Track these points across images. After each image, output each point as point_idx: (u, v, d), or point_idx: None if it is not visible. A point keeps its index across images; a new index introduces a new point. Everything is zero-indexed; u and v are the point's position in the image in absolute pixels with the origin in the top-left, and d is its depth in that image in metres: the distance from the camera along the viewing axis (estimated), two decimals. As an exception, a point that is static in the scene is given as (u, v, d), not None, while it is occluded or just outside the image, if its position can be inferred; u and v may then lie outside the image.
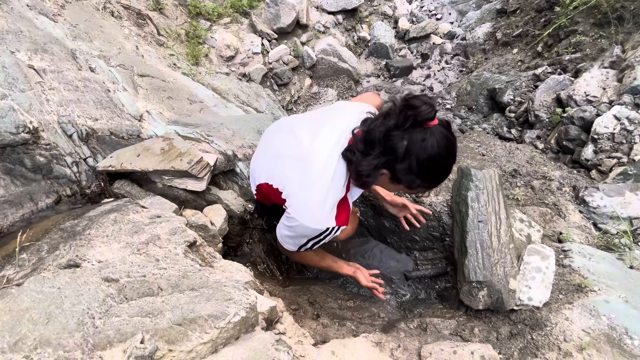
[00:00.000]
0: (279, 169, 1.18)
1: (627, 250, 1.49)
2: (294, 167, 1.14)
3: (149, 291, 0.86)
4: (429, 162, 0.98)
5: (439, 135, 0.97)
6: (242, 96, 3.03)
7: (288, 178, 1.15)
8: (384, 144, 1.01)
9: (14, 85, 1.34)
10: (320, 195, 1.09)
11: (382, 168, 1.04)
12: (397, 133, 0.99)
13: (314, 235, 1.15)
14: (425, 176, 1.02)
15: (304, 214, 1.11)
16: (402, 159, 0.99)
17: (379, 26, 3.86)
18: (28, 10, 1.75)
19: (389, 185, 1.12)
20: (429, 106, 0.95)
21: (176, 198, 1.49)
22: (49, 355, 0.68)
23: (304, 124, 1.23)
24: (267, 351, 0.81)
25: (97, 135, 1.53)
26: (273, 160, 1.22)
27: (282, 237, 1.24)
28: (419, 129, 0.98)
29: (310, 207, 1.10)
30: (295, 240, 1.20)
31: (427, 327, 1.37)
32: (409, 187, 1.08)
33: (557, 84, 2.46)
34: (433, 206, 1.67)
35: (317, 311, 1.49)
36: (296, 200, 1.13)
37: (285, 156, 1.18)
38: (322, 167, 1.09)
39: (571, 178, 1.85)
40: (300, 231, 1.15)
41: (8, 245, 1.04)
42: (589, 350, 1.10)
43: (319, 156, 1.10)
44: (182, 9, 3.33)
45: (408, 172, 1.01)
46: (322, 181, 1.08)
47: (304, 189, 1.11)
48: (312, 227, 1.11)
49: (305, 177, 1.10)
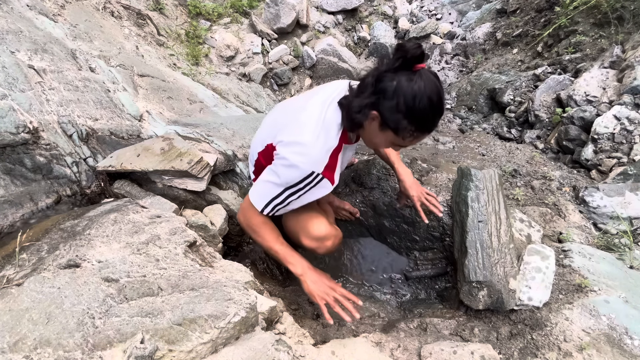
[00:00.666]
0: (276, 126, 1.23)
1: (627, 250, 1.49)
2: (290, 118, 1.21)
3: (149, 291, 0.86)
4: (416, 100, 1.01)
5: (427, 79, 1.02)
6: (242, 96, 3.03)
7: (284, 126, 1.19)
8: (375, 86, 1.06)
9: (14, 85, 1.34)
10: (313, 135, 1.12)
11: (372, 108, 1.07)
12: (388, 75, 1.04)
13: (295, 181, 1.12)
14: (411, 116, 1.04)
15: (294, 149, 1.11)
16: (390, 97, 1.03)
17: (379, 26, 3.86)
18: (28, 10, 1.75)
19: (378, 134, 1.12)
20: (416, 45, 1.00)
21: (176, 198, 1.49)
22: (49, 355, 0.68)
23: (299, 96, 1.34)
24: (267, 351, 0.81)
25: (97, 135, 1.53)
26: (271, 122, 1.29)
27: (254, 189, 1.20)
28: (408, 72, 1.03)
29: (302, 143, 1.11)
30: (270, 189, 1.16)
31: (427, 327, 1.37)
32: (396, 132, 1.08)
33: (557, 84, 2.46)
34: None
35: (317, 311, 1.49)
36: (288, 139, 1.15)
37: (282, 115, 1.27)
38: (316, 113, 1.15)
39: (571, 178, 1.85)
40: (283, 173, 1.13)
41: (8, 245, 1.04)
42: (589, 350, 1.10)
43: (313, 106, 1.17)
44: (182, 9, 3.33)
45: (396, 111, 1.04)
46: (315, 124, 1.13)
47: (296, 130, 1.14)
48: (300, 165, 1.10)
49: (298, 121, 1.15)
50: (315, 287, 1.20)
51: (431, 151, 2.19)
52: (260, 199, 1.19)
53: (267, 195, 1.18)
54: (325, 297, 1.18)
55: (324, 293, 1.19)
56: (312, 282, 1.20)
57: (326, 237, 1.32)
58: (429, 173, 1.83)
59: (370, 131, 1.14)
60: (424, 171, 1.85)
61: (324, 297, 1.19)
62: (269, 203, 1.19)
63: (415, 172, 1.83)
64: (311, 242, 1.30)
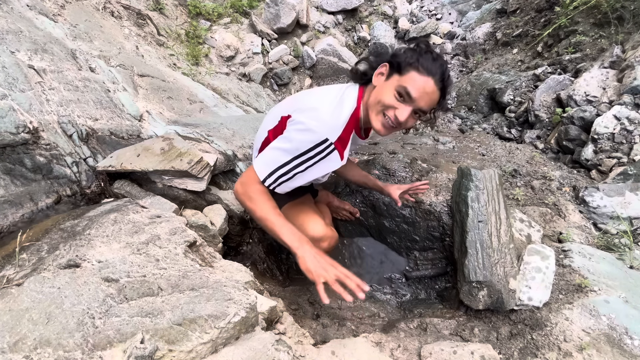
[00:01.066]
0: (290, 104, 1.26)
1: (627, 250, 1.49)
2: (304, 94, 1.26)
3: (149, 291, 0.86)
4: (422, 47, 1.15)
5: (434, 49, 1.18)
6: (242, 96, 3.03)
7: (300, 99, 1.24)
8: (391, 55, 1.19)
9: (14, 85, 1.34)
10: (330, 105, 1.16)
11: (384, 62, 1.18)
12: None
13: (308, 147, 1.09)
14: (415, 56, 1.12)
15: (311, 114, 1.13)
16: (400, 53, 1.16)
17: (379, 26, 3.86)
18: (28, 10, 1.75)
19: (384, 84, 1.17)
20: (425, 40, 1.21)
21: (176, 198, 1.49)
22: (49, 355, 0.68)
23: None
24: (267, 351, 0.81)
25: (97, 135, 1.53)
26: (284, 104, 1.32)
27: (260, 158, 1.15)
28: None
29: (319, 109, 1.13)
30: (278, 156, 1.11)
31: (427, 327, 1.37)
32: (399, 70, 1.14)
33: (557, 84, 2.46)
34: (433, 206, 1.67)
35: (317, 311, 1.49)
36: (306, 106, 1.18)
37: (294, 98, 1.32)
38: (334, 89, 1.22)
39: (571, 178, 1.85)
40: (296, 137, 1.10)
41: (8, 245, 1.04)
42: (589, 350, 1.10)
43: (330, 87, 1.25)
44: (182, 9, 3.33)
45: (402, 52, 1.16)
46: (334, 96, 1.19)
47: (314, 99, 1.19)
48: (315, 130, 1.09)
49: (317, 93, 1.23)
50: (313, 263, 1.01)
51: (431, 151, 2.19)
52: (265, 166, 1.12)
53: (274, 163, 1.11)
54: (324, 274, 0.99)
55: (323, 269, 1.00)
56: (310, 257, 1.03)
57: (322, 238, 1.32)
58: (429, 173, 1.83)
59: (378, 85, 1.19)
60: (424, 171, 1.85)
61: (322, 274, 0.99)
62: (273, 172, 1.11)
63: (415, 172, 1.83)
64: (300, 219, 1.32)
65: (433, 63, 1.11)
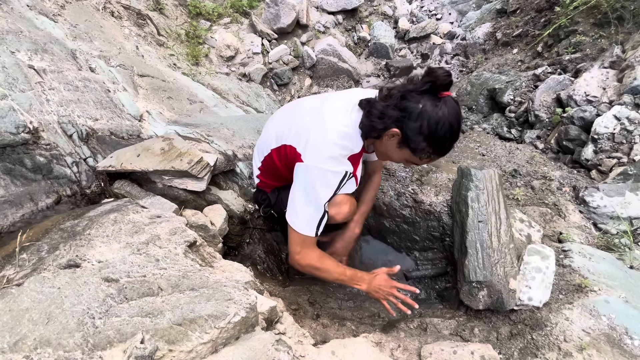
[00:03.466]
0: (294, 127, 1.24)
1: (627, 250, 1.49)
2: (308, 119, 1.22)
3: (149, 291, 0.86)
4: (438, 126, 1.06)
5: (451, 106, 1.06)
6: (242, 96, 3.03)
7: (304, 128, 1.21)
8: (400, 102, 1.10)
9: (14, 86, 1.34)
10: (338, 137, 1.16)
11: (393, 124, 1.11)
12: (415, 96, 1.08)
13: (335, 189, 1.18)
14: (432, 140, 1.09)
15: (321, 153, 1.15)
16: (415, 119, 1.08)
17: (379, 26, 3.86)
18: (28, 11, 1.75)
19: (395, 150, 1.17)
20: (446, 73, 1.05)
21: (176, 198, 1.49)
22: (49, 355, 0.68)
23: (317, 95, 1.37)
24: (267, 351, 0.81)
25: (97, 136, 1.53)
26: (287, 121, 1.31)
27: (297, 221, 1.23)
28: (434, 97, 1.07)
29: (328, 146, 1.15)
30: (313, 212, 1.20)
31: (427, 327, 1.37)
32: (414, 151, 1.13)
33: (557, 84, 2.46)
34: (433, 206, 1.67)
35: (317, 311, 1.49)
36: (313, 143, 1.17)
37: (299, 113, 1.28)
38: (337, 116, 1.18)
39: (571, 178, 1.85)
40: (319, 181, 1.16)
41: (8, 245, 1.04)
42: (589, 351, 1.10)
43: (335, 109, 1.20)
44: (182, 9, 3.33)
45: (418, 133, 1.09)
46: (338, 126, 1.17)
47: (321, 133, 1.17)
48: (331, 169, 1.15)
49: (321, 124, 1.18)
50: (379, 294, 1.36)
51: (431, 151, 2.18)
52: (308, 225, 1.23)
53: (314, 219, 1.22)
54: (388, 297, 1.35)
55: (386, 295, 1.35)
56: (375, 291, 1.36)
57: (342, 201, 1.34)
58: (429, 173, 1.83)
59: (387, 145, 1.18)
60: (424, 171, 1.85)
61: (387, 297, 1.35)
62: (318, 226, 1.24)
63: (415, 172, 1.83)
64: (329, 209, 1.30)
65: (449, 146, 1.14)
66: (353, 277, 1.34)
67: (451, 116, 1.06)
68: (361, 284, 1.35)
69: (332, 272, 1.31)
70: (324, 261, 1.30)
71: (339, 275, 1.32)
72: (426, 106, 1.06)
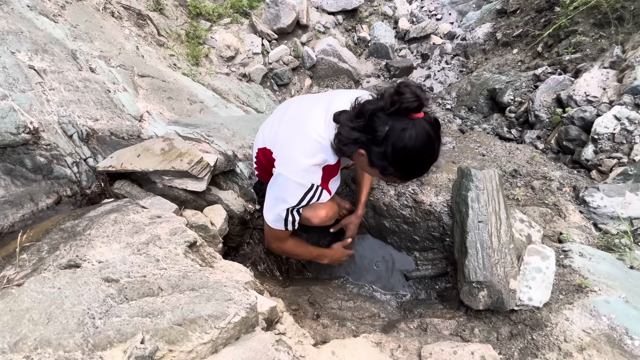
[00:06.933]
0: (274, 130, 1.28)
1: (627, 251, 1.49)
2: (287, 126, 1.24)
3: (149, 291, 0.86)
4: (403, 152, 1.00)
5: (420, 129, 0.98)
6: (242, 96, 3.03)
7: (281, 135, 1.23)
8: (367, 122, 1.02)
9: (15, 86, 1.34)
10: (309, 149, 1.15)
11: (360, 146, 1.06)
12: (383, 116, 1.00)
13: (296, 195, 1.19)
14: (397, 165, 1.04)
15: (290, 164, 1.16)
16: (380, 143, 1.01)
17: (379, 26, 3.86)
18: (28, 11, 1.75)
19: (366, 167, 1.14)
20: (414, 97, 0.95)
21: (176, 198, 1.49)
22: (49, 355, 0.68)
23: (308, 97, 1.36)
24: (267, 351, 0.81)
25: (98, 136, 1.53)
26: (272, 123, 1.33)
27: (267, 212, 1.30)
28: (403, 118, 0.98)
29: (296, 157, 1.15)
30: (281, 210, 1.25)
31: (427, 328, 1.37)
32: (382, 173, 1.11)
33: (557, 84, 2.46)
34: (433, 206, 1.67)
35: (317, 311, 1.49)
36: (284, 152, 1.19)
37: (282, 119, 1.30)
38: (315, 126, 1.16)
39: (571, 178, 1.85)
40: (285, 191, 1.19)
41: (8, 246, 1.04)
42: (589, 351, 1.10)
43: (316, 118, 1.17)
44: (182, 9, 3.33)
45: (382, 158, 1.03)
46: (312, 137, 1.15)
47: (293, 143, 1.17)
48: (297, 180, 1.16)
49: (296, 133, 1.18)
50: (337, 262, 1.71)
51: (431, 151, 2.18)
52: (277, 222, 1.31)
53: (281, 217, 1.28)
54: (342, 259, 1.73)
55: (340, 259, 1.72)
56: (334, 262, 1.69)
57: (319, 206, 1.35)
58: (429, 173, 1.83)
59: (360, 162, 1.15)
60: (424, 171, 1.85)
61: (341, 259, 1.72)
62: (286, 223, 1.30)
63: (415, 173, 1.83)
64: (305, 212, 1.32)
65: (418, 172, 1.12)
66: (318, 256, 1.63)
67: (419, 141, 0.97)
68: (324, 259, 1.64)
69: (301, 256, 1.67)
70: (294, 249, 1.50)
71: (308, 256, 1.65)
72: (392, 129, 0.98)
